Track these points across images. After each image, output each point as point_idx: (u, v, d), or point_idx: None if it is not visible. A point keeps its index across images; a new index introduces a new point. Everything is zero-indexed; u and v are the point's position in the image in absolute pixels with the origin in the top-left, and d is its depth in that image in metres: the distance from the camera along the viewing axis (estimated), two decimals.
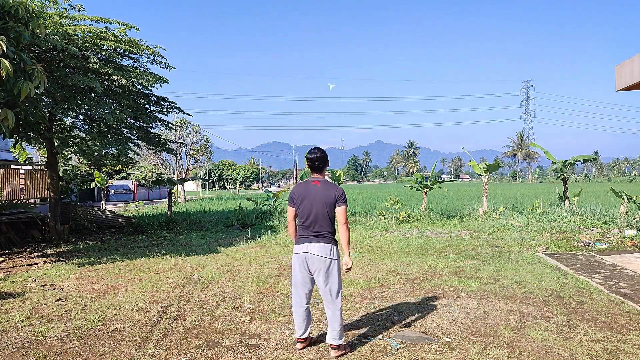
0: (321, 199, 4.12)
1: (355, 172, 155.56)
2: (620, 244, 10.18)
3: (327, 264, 4.10)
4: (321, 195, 4.14)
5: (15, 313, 5.50)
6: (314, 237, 4.13)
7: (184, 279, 7.25)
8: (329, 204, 4.13)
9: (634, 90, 8.42)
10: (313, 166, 4.28)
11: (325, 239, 4.13)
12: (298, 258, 4.18)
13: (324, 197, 4.13)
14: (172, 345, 4.42)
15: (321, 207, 4.12)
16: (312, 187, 4.20)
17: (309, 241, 4.13)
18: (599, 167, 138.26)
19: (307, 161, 4.30)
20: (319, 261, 4.09)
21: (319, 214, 4.12)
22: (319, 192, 4.15)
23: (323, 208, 4.12)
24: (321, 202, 4.12)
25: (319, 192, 4.15)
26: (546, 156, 18.47)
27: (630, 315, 5.15)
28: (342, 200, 4.15)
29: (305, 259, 4.14)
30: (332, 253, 4.12)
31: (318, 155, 4.27)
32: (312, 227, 4.14)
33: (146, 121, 13.40)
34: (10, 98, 6.77)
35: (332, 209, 4.15)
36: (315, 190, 4.17)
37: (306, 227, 4.17)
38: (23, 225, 12.68)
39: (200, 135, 43.15)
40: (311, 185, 4.21)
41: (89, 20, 11.26)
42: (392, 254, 9.28)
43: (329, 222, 4.16)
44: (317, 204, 4.12)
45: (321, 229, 4.13)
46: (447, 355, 4.11)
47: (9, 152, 21.29)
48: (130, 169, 40.19)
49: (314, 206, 4.13)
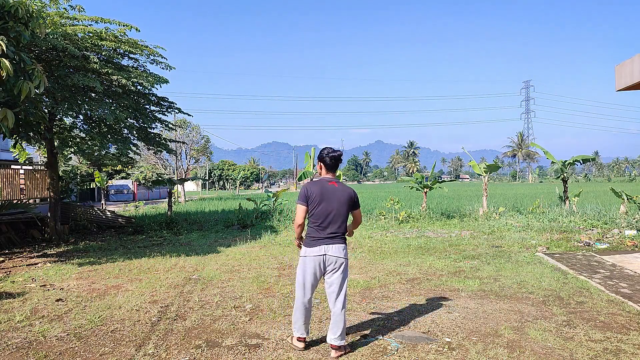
0: (341, 200, 4.12)
1: (355, 172, 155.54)
2: (620, 244, 10.19)
3: (342, 265, 4.13)
4: (340, 196, 4.14)
5: (15, 313, 5.50)
6: (331, 239, 4.11)
7: (184, 279, 7.25)
8: (349, 205, 4.16)
9: (634, 90, 8.42)
10: (333, 165, 4.24)
11: (341, 240, 4.16)
12: (314, 260, 4.12)
13: (345, 198, 4.14)
14: (172, 345, 4.42)
15: (341, 208, 4.12)
16: (330, 187, 4.16)
17: (326, 243, 4.10)
18: (599, 167, 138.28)
19: (329, 160, 4.21)
20: (336, 262, 4.11)
21: (337, 215, 4.11)
22: (337, 192, 4.14)
23: (342, 209, 4.12)
24: (341, 204, 4.12)
25: (337, 193, 4.14)
26: (546, 156, 18.47)
27: (630, 315, 5.15)
28: (358, 202, 4.25)
29: (323, 260, 4.11)
30: (345, 253, 4.18)
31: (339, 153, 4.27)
32: (330, 228, 4.11)
33: (146, 121, 13.40)
34: (10, 98, 6.76)
35: (348, 211, 4.18)
36: (333, 191, 4.14)
37: (323, 228, 4.12)
38: (23, 225, 12.69)
39: (200, 135, 43.17)
40: (328, 186, 4.17)
41: (89, 20, 11.26)
42: (392, 254, 9.28)
43: (345, 223, 4.20)
44: (337, 205, 4.11)
45: (339, 230, 4.14)
46: (447, 355, 4.11)
47: (9, 152, 21.29)
48: (130, 169, 40.18)
49: (334, 207, 4.10)
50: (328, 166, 4.23)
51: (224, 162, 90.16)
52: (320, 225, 4.11)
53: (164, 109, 14.12)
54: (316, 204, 4.10)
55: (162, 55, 12.50)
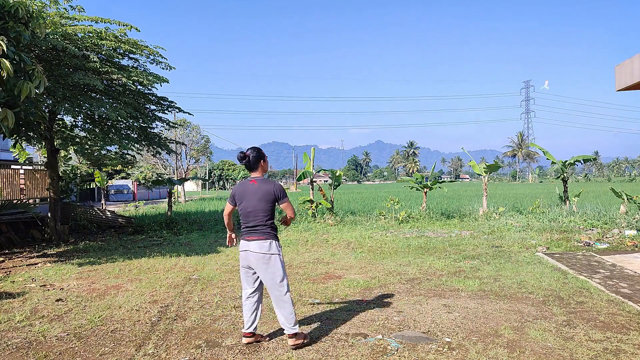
0: (259, 197, 4.32)
1: (355, 172, 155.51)
2: (620, 244, 10.18)
3: (267, 259, 4.28)
4: (258, 193, 4.33)
5: (15, 313, 5.50)
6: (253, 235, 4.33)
7: (184, 279, 7.25)
8: (268, 200, 4.34)
9: (634, 90, 8.42)
10: (251, 165, 4.42)
11: (263, 235, 4.31)
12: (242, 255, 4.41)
13: (262, 194, 4.32)
14: (172, 345, 4.42)
15: (259, 204, 4.32)
16: (250, 186, 4.38)
17: (249, 239, 4.33)
18: (599, 167, 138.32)
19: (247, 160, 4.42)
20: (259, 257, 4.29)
21: (257, 211, 4.31)
22: (256, 189, 4.34)
23: (260, 205, 4.31)
24: (260, 200, 4.32)
25: (256, 190, 4.34)
26: (546, 156, 18.47)
27: (630, 315, 5.15)
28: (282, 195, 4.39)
29: (247, 256, 4.34)
30: (270, 248, 4.29)
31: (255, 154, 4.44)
32: (251, 224, 4.33)
33: (146, 121, 13.40)
34: (10, 98, 6.76)
35: (269, 206, 4.36)
36: (252, 189, 4.35)
37: (246, 224, 4.37)
38: (23, 225, 12.68)
39: (200, 135, 43.18)
40: (249, 185, 4.39)
41: (89, 20, 11.26)
42: (392, 254, 9.28)
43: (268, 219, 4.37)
44: (255, 202, 4.31)
45: (260, 226, 4.32)
46: (447, 355, 4.11)
47: (9, 152, 21.29)
48: (130, 169, 40.17)
49: (253, 204, 4.32)
50: (247, 167, 4.46)
51: (224, 162, 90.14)
52: (245, 222, 4.36)
53: (164, 108, 14.13)
54: (239, 203, 4.38)
55: (162, 55, 12.51)
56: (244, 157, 4.41)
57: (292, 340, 4.29)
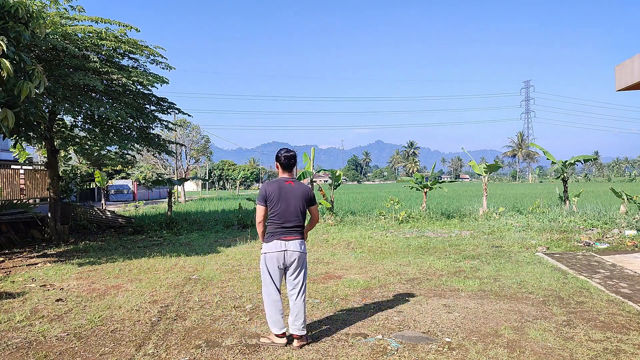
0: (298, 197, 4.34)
1: (355, 172, 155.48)
2: (620, 244, 10.18)
3: (301, 259, 4.35)
4: (297, 193, 4.34)
5: (15, 313, 5.50)
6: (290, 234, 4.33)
7: (184, 279, 7.25)
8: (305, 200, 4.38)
9: (634, 90, 8.42)
10: (288, 164, 4.46)
11: (299, 235, 4.38)
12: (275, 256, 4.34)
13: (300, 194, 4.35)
14: (172, 345, 4.42)
15: (298, 205, 4.33)
16: (287, 187, 4.37)
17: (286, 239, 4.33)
18: (599, 167, 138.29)
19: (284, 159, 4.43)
20: (295, 256, 4.32)
21: (295, 212, 4.32)
22: (294, 190, 4.35)
23: (299, 206, 4.34)
24: (298, 200, 4.33)
25: (294, 191, 4.35)
26: (546, 156, 18.47)
27: (630, 315, 5.15)
28: (314, 199, 4.46)
29: (284, 256, 4.32)
30: (304, 248, 4.39)
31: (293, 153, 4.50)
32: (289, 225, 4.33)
33: (146, 121, 13.40)
34: (10, 98, 6.76)
35: (305, 207, 4.40)
36: (290, 189, 4.35)
37: (282, 224, 4.34)
38: (23, 225, 12.68)
39: (200, 135, 43.17)
40: (286, 185, 4.38)
41: (89, 20, 11.26)
42: (392, 254, 9.28)
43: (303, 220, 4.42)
44: (294, 202, 4.32)
45: (297, 226, 4.36)
46: (447, 355, 4.11)
47: (9, 152, 21.28)
48: (130, 169, 40.17)
49: (291, 204, 4.31)
50: (283, 166, 4.44)
51: (224, 162, 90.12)
52: (281, 222, 4.31)
53: (164, 109, 14.12)
54: (275, 203, 4.31)
55: (162, 55, 12.51)
56: (293, 157, 4.46)
57: (299, 341, 4.33)
